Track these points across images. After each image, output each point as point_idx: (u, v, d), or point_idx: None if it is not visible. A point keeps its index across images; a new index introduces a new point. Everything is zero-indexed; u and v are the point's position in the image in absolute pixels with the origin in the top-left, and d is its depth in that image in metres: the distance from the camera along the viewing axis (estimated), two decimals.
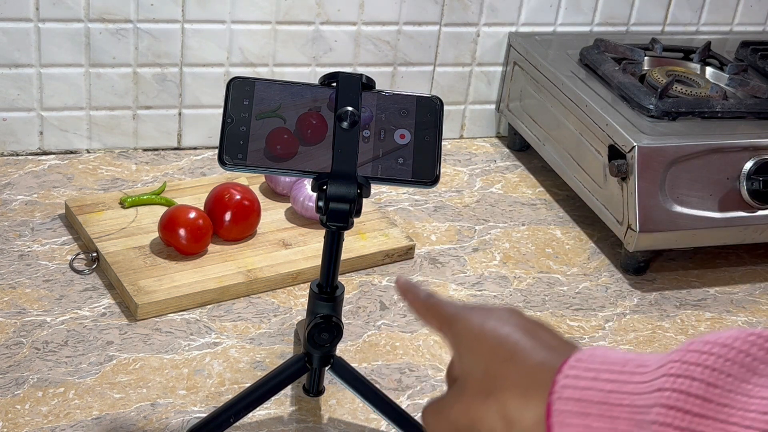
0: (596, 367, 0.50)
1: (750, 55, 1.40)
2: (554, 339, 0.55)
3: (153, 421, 0.87)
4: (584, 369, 0.50)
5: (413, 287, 0.64)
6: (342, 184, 0.74)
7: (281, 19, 1.29)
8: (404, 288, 0.65)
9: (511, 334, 0.55)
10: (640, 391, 0.47)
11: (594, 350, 0.51)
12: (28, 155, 1.26)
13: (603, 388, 0.48)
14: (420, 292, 0.63)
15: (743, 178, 1.15)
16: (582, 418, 0.48)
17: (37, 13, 1.19)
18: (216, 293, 1.03)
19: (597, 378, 0.49)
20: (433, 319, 0.61)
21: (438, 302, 0.61)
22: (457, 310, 0.59)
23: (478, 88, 1.44)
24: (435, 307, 0.61)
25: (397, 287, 0.65)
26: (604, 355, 0.50)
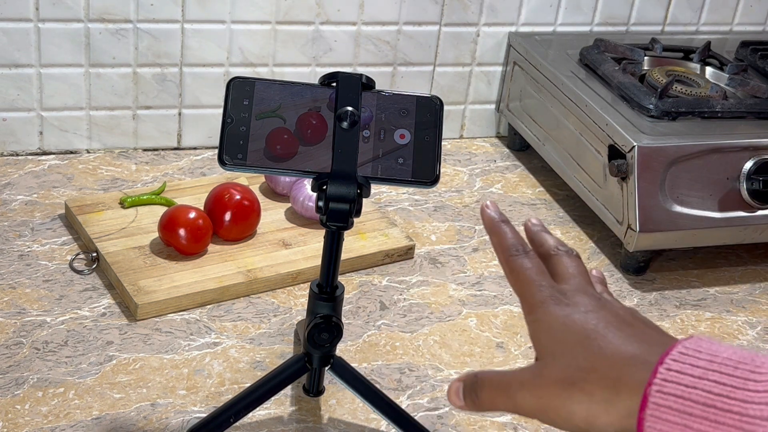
0: (704, 365, 0.47)
1: (750, 55, 1.40)
2: (647, 330, 0.53)
3: (153, 421, 0.87)
4: (690, 365, 0.47)
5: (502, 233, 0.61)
6: (342, 184, 0.74)
7: (281, 19, 1.29)
8: (490, 226, 0.62)
9: (599, 326, 0.53)
10: (754, 400, 0.45)
11: (699, 342, 0.49)
12: (28, 155, 1.26)
13: (711, 390, 0.46)
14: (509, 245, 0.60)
15: (743, 178, 1.15)
16: (682, 417, 0.46)
17: (37, 13, 1.19)
18: (216, 293, 1.03)
19: (704, 377, 0.46)
20: (517, 290, 0.58)
21: (526, 278, 0.58)
22: (543, 297, 0.56)
23: (478, 88, 1.44)
24: (520, 282, 0.58)
25: (483, 219, 0.62)
26: (711, 350, 0.48)
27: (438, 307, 1.07)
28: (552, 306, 0.55)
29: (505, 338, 1.04)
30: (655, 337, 0.52)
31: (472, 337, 1.04)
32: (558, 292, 0.56)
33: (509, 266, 0.59)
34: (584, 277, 0.59)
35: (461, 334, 1.04)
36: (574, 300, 0.55)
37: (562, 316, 0.54)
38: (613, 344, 0.52)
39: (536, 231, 0.63)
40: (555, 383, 0.52)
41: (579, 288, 0.57)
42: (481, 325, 1.06)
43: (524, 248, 0.60)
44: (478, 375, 0.57)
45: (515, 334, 1.05)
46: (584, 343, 0.52)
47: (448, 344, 1.02)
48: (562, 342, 0.53)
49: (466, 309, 1.08)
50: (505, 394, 0.54)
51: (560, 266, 0.59)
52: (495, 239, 0.61)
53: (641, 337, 0.52)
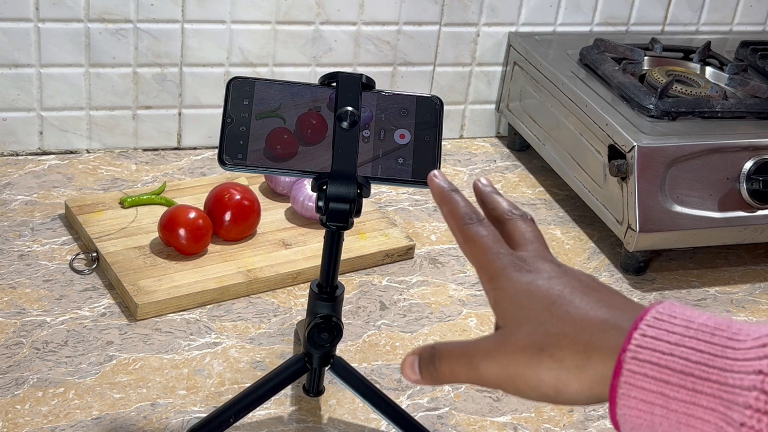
0: (680, 331, 0.46)
1: (750, 55, 1.40)
2: (613, 296, 0.52)
3: (153, 421, 0.87)
4: (665, 330, 0.46)
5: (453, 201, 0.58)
6: (342, 184, 0.74)
7: (281, 19, 1.29)
8: (440, 195, 0.59)
9: (565, 292, 0.52)
10: (734, 369, 0.43)
11: (672, 307, 0.47)
12: (28, 155, 1.26)
13: (688, 357, 0.44)
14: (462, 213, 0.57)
15: (743, 178, 1.15)
16: (658, 385, 0.45)
17: (37, 13, 1.19)
18: (216, 293, 1.03)
19: (680, 344, 0.45)
20: (473, 260, 0.56)
21: (482, 246, 0.55)
22: (503, 265, 0.54)
23: (478, 88, 1.44)
24: (477, 251, 0.56)
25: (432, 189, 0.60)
26: (686, 316, 0.46)
27: (438, 307, 1.07)
28: (513, 273, 0.54)
29: None
30: (623, 303, 0.51)
31: (471, 337, 1.04)
32: (518, 259, 0.55)
33: (463, 235, 0.57)
34: (541, 242, 0.57)
35: (461, 334, 1.04)
36: (536, 266, 0.54)
37: (525, 283, 0.53)
38: (582, 309, 0.50)
39: (487, 192, 0.61)
40: (522, 350, 0.50)
41: (538, 254, 0.55)
42: (481, 325, 1.06)
43: (477, 216, 0.57)
44: (435, 346, 0.55)
45: None
46: (551, 309, 0.51)
47: None
48: (527, 308, 0.52)
49: (466, 309, 1.08)
50: (467, 365, 0.53)
51: (516, 232, 0.57)
52: (446, 209, 0.58)
53: (609, 302, 0.51)
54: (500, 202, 0.60)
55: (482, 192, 0.61)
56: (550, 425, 0.93)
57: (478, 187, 0.61)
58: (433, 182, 0.60)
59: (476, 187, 0.61)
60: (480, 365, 0.52)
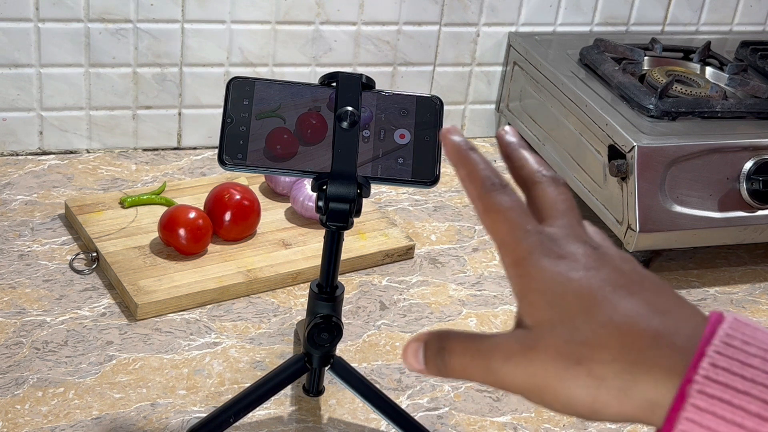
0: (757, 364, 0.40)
1: (750, 55, 1.40)
2: (664, 297, 0.44)
3: (153, 421, 0.87)
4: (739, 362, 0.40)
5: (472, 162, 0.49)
6: (342, 184, 0.74)
7: (281, 19, 1.29)
8: (456, 155, 0.50)
9: (606, 289, 0.44)
10: None
11: (741, 327, 0.41)
12: (28, 155, 1.26)
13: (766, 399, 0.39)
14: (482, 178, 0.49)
15: (743, 178, 1.15)
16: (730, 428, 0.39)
17: (37, 13, 1.19)
18: (216, 293, 1.03)
19: (757, 381, 0.39)
20: (495, 235, 0.48)
21: (506, 219, 0.47)
22: (530, 247, 0.46)
23: (478, 88, 1.44)
24: (500, 225, 0.47)
25: (446, 148, 0.50)
26: (758, 341, 0.40)
27: (438, 307, 1.07)
28: (543, 259, 0.45)
29: None
30: (676, 307, 0.43)
31: None
32: (548, 239, 0.46)
33: (484, 204, 0.48)
34: (574, 214, 0.49)
35: None
36: (569, 250, 0.46)
37: (558, 274, 0.44)
38: (628, 316, 0.43)
39: (513, 146, 0.52)
40: (553, 360, 0.43)
41: (571, 231, 0.47)
42: (481, 325, 1.06)
43: (500, 181, 0.48)
44: (445, 337, 0.47)
45: None
46: (590, 311, 0.43)
47: None
48: (560, 307, 0.44)
49: (466, 309, 1.08)
50: (484, 366, 0.45)
51: (545, 199, 0.49)
52: (463, 171, 0.49)
53: (660, 305, 0.43)
54: (528, 160, 0.51)
55: (507, 145, 0.52)
56: (550, 425, 0.93)
57: (502, 138, 0.53)
58: (448, 139, 0.51)
59: (500, 138, 0.53)
60: (501, 369, 0.45)
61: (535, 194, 0.50)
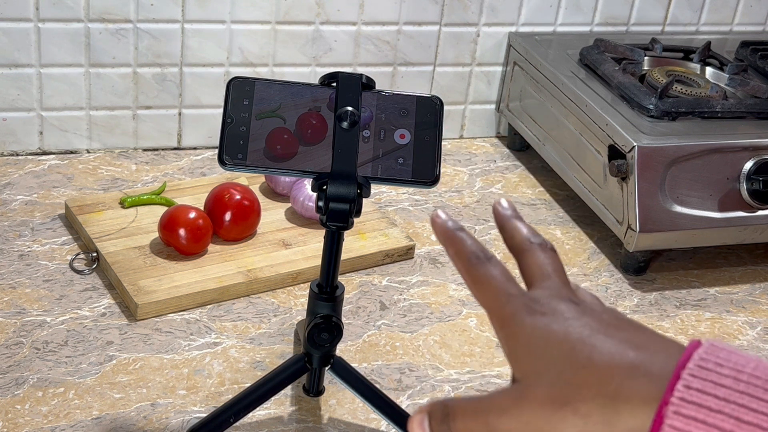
0: (728, 384, 0.41)
1: (750, 55, 1.40)
2: (638, 333, 0.47)
3: (153, 421, 0.87)
4: (712, 383, 0.41)
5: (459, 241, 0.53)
6: (342, 184, 0.74)
7: (281, 19, 1.29)
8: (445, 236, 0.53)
9: (584, 333, 0.47)
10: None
11: (716, 351, 0.43)
12: (28, 155, 1.26)
13: (740, 417, 0.40)
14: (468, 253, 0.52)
15: (743, 178, 1.15)
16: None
17: (37, 13, 1.19)
18: (216, 293, 1.03)
19: (730, 400, 0.41)
20: (483, 303, 0.51)
21: (492, 288, 0.51)
22: (514, 309, 0.49)
23: (478, 88, 1.44)
24: (486, 293, 0.51)
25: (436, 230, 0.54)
26: (732, 363, 0.42)
27: (438, 307, 1.07)
28: (526, 317, 0.48)
29: None
30: (652, 342, 0.46)
31: (472, 337, 1.04)
32: (531, 301, 0.49)
33: (471, 277, 0.52)
34: (560, 276, 0.52)
35: (461, 334, 1.04)
36: (551, 307, 0.49)
37: (539, 328, 0.48)
38: (604, 353, 0.45)
39: (507, 217, 0.55)
40: (542, 406, 0.46)
41: (554, 292, 0.50)
42: (481, 325, 1.06)
43: (485, 254, 0.53)
44: (447, 403, 0.50)
45: None
46: (570, 355, 0.46)
47: (448, 344, 1.02)
48: (543, 357, 0.47)
49: (466, 309, 1.08)
50: (483, 423, 0.48)
51: (534, 264, 0.53)
52: (452, 250, 0.53)
53: (635, 342, 0.46)
54: (519, 229, 0.55)
55: (501, 216, 0.56)
56: None
57: (497, 211, 0.56)
58: (436, 223, 0.54)
59: (495, 211, 0.56)
60: (498, 424, 0.47)
61: (525, 261, 0.53)
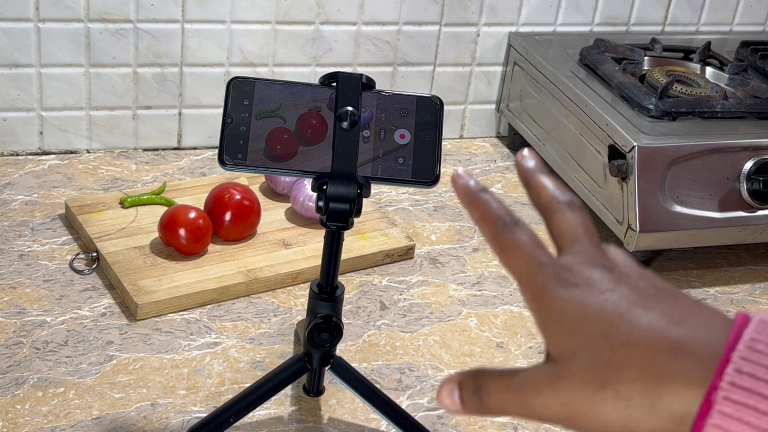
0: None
1: (750, 55, 1.40)
2: (681, 306, 0.44)
3: (153, 421, 0.87)
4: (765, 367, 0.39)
5: (483, 204, 0.49)
6: (342, 184, 0.74)
7: (281, 19, 1.29)
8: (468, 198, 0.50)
9: (621, 308, 0.44)
10: None
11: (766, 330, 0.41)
12: (28, 155, 1.26)
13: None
14: (494, 218, 0.49)
15: (743, 178, 1.15)
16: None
17: (37, 13, 1.19)
18: (216, 293, 1.03)
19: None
20: (512, 272, 0.48)
21: (521, 256, 0.47)
22: (545, 280, 0.46)
23: (478, 88, 1.44)
24: (515, 261, 0.48)
25: (457, 191, 0.51)
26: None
27: (438, 307, 1.07)
28: (558, 289, 0.46)
29: (505, 338, 1.04)
30: (693, 314, 0.44)
31: (472, 337, 1.04)
32: (562, 269, 0.47)
33: (498, 244, 0.49)
34: (591, 237, 0.49)
35: (461, 334, 1.04)
36: (584, 276, 0.46)
37: (573, 302, 0.45)
38: (643, 330, 0.43)
39: (531, 172, 0.51)
40: (580, 387, 0.44)
41: (586, 257, 0.47)
42: (481, 325, 1.06)
43: (512, 218, 0.49)
44: (479, 377, 0.48)
45: (515, 334, 1.05)
46: (608, 333, 0.44)
47: (448, 344, 1.02)
48: (579, 335, 0.44)
49: (466, 309, 1.08)
50: (518, 401, 0.46)
51: (563, 225, 0.49)
52: (476, 213, 0.50)
53: (675, 314, 0.43)
54: (545, 186, 0.51)
55: (525, 171, 0.52)
56: (550, 425, 0.93)
57: (521, 165, 0.52)
58: (458, 183, 0.51)
59: (518, 164, 0.52)
60: (534, 403, 0.46)
61: (553, 222, 0.50)
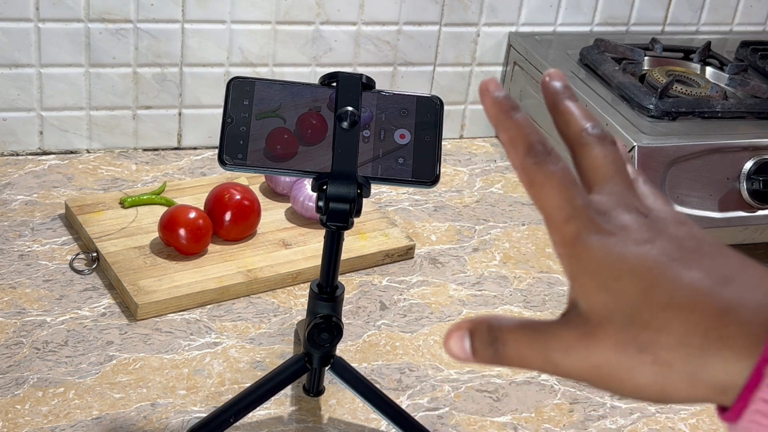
0: None
1: (750, 55, 1.40)
2: (725, 263, 0.41)
3: (153, 421, 0.87)
4: None
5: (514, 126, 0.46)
6: (342, 184, 0.74)
7: (281, 19, 1.29)
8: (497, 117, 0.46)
9: (662, 263, 0.41)
10: None
11: None
12: (28, 155, 1.26)
13: None
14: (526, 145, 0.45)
15: (743, 178, 1.15)
16: None
17: (37, 13, 1.19)
18: (216, 293, 1.03)
19: None
20: (540, 209, 0.45)
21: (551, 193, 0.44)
22: (578, 224, 0.43)
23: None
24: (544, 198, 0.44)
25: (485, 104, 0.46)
26: None
27: (438, 307, 1.07)
28: (592, 237, 0.42)
29: None
30: (740, 273, 0.41)
31: None
32: (596, 213, 0.43)
33: (527, 176, 0.45)
34: (623, 177, 0.45)
35: None
36: (619, 222, 0.43)
37: (609, 253, 0.41)
38: (686, 291, 0.40)
39: (560, 96, 0.48)
40: (614, 348, 0.41)
41: (620, 199, 0.44)
42: None
43: (546, 148, 0.45)
44: (495, 324, 0.44)
45: None
46: (647, 292, 0.40)
47: None
48: (614, 289, 0.41)
49: (466, 309, 1.08)
50: (542, 356, 0.43)
51: (593, 161, 0.46)
52: (505, 136, 0.46)
53: (721, 273, 0.40)
54: (574, 115, 0.47)
55: (553, 93, 0.48)
56: (550, 425, 0.93)
57: (547, 85, 0.48)
58: (487, 97, 0.46)
59: (545, 85, 0.48)
60: (561, 361, 0.42)
61: (582, 156, 0.46)
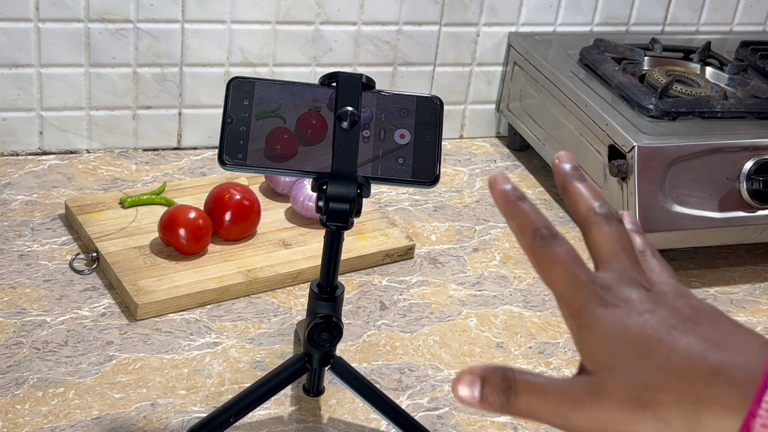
0: None
1: (750, 55, 1.40)
2: (719, 330, 0.45)
3: (153, 421, 0.87)
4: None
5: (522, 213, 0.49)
6: (342, 184, 0.74)
7: (281, 19, 1.29)
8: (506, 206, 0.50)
9: (661, 332, 0.45)
10: None
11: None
12: (28, 155, 1.26)
13: None
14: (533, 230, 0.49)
15: (743, 178, 1.15)
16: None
17: (37, 13, 1.19)
18: (216, 293, 1.03)
19: None
20: (551, 287, 0.49)
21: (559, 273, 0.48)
22: (584, 299, 0.47)
23: (478, 88, 1.44)
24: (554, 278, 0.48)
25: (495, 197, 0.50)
26: None
27: (438, 307, 1.07)
28: (598, 309, 0.46)
29: (505, 338, 1.04)
30: (731, 338, 0.44)
31: (472, 337, 1.04)
32: (601, 288, 0.47)
33: (536, 257, 0.49)
34: (629, 254, 0.49)
35: (461, 334, 1.04)
36: (623, 296, 0.46)
37: (613, 322, 0.45)
38: (682, 355, 0.44)
39: (569, 178, 0.51)
40: (619, 406, 0.44)
41: (624, 275, 0.47)
42: (481, 325, 1.06)
43: (551, 231, 0.49)
44: (510, 375, 0.47)
45: (515, 334, 1.05)
46: (648, 356, 0.44)
47: (448, 344, 1.02)
48: (618, 354, 0.45)
49: (466, 309, 1.08)
50: (551, 410, 0.47)
51: (600, 239, 0.49)
52: (513, 223, 0.50)
53: (714, 339, 0.44)
54: (582, 195, 0.51)
55: (563, 175, 0.51)
56: (550, 425, 0.93)
57: (558, 168, 0.52)
58: (496, 189, 0.50)
59: (555, 168, 0.52)
60: (570, 415, 0.46)
61: (590, 235, 0.50)
